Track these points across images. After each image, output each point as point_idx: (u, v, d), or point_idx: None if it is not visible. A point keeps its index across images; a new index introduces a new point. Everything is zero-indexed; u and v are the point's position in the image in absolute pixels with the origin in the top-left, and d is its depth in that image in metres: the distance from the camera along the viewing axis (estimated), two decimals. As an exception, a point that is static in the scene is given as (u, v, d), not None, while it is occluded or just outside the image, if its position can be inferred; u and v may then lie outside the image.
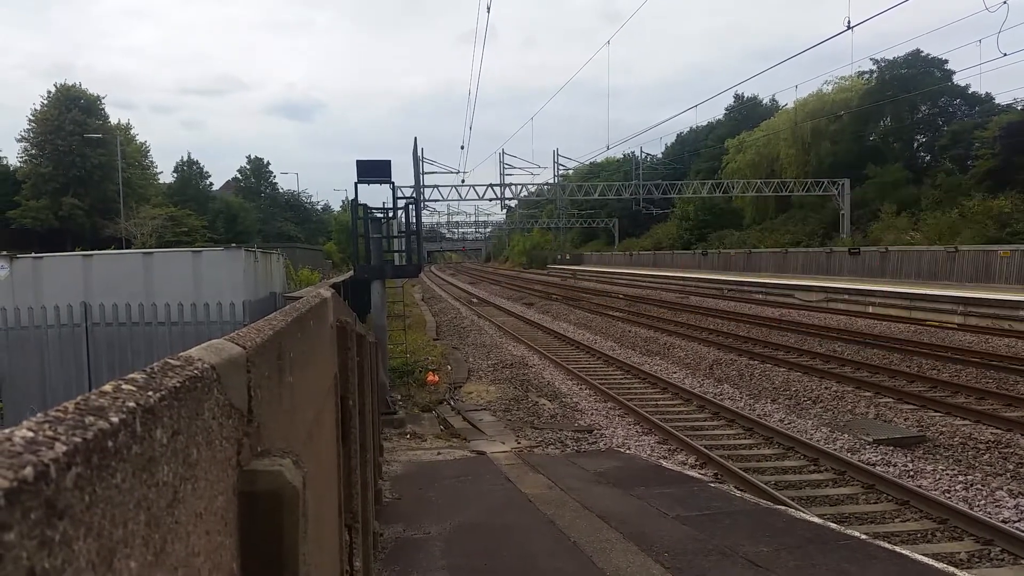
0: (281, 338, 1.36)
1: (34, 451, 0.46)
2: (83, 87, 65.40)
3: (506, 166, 63.40)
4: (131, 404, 0.61)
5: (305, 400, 1.72)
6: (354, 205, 15.41)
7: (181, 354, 0.86)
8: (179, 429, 0.70)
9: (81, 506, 0.48)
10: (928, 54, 53.27)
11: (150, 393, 0.65)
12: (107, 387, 0.64)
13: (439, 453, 10.93)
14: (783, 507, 7.68)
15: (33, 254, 13.30)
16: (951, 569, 5.86)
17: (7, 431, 0.49)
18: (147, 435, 0.62)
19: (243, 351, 1.02)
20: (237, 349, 1.01)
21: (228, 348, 0.98)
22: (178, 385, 0.72)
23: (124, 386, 0.65)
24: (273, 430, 1.20)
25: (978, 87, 54.51)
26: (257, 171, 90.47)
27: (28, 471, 0.43)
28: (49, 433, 0.49)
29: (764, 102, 74.76)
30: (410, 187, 43.92)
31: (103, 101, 66.34)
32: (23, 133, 64.25)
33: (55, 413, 0.54)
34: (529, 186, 65.66)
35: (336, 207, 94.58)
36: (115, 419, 0.56)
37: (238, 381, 0.97)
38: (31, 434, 0.48)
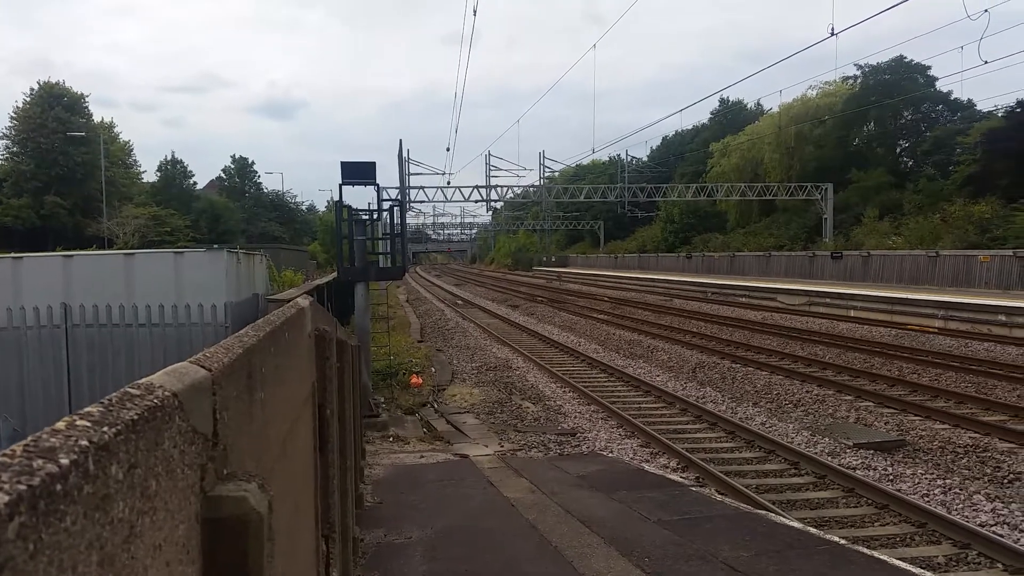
0: (251, 355, 1.36)
1: (-27, 504, 0.45)
2: (66, 85, 64.90)
3: (492, 168, 63.47)
4: (84, 443, 0.60)
5: (278, 414, 1.71)
6: (338, 207, 15.35)
7: (142, 381, 0.86)
8: (136, 462, 0.70)
9: (24, 556, 0.47)
10: (911, 60, 53.81)
11: (105, 429, 0.65)
12: (60, 424, 0.63)
13: (422, 456, 10.90)
14: (763, 511, 7.71)
15: (13, 254, 13.16)
16: (928, 574, 5.91)
17: None
18: (100, 472, 0.61)
19: (208, 374, 1.02)
20: (202, 372, 1.00)
21: (192, 372, 0.98)
22: (136, 417, 0.71)
23: (79, 422, 0.65)
24: (241, 449, 1.19)
25: (960, 93, 55.12)
26: (241, 170, 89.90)
27: (-35, 528, 0.43)
28: (-8, 483, 0.49)
29: (749, 106, 75.27)
30: (395, 188, 43.84)
31: (87, 99, 65.87)
32: (4, 131, 63.67)
33: (1, 459, 0.53)
34: (515, 188, 65.72)
35: (321, 207, 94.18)
36: (65, 461, 0.56)
37: (203, 405, 0.97)
38: (-28, 485, 0.48)
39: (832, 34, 22.96)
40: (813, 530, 6.99)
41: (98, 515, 0.60)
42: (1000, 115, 44.96)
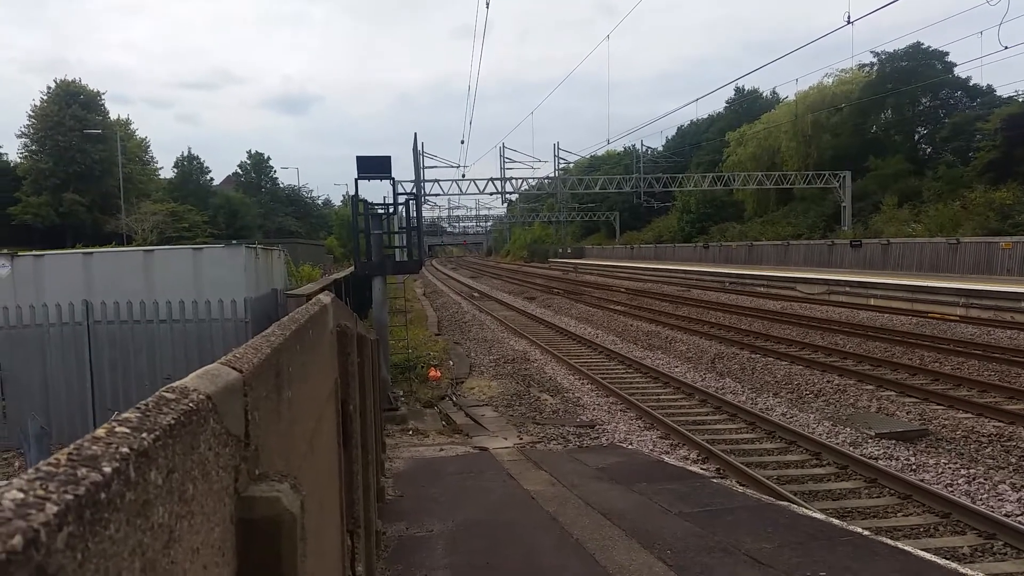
0: (279, 355, 1.36)
1: (24, 515, 0.45)
2: (82, 83, 65.43)
3: (507, 160, 63.36)
4: (124, 450, 0.60)
5: (305, 411, 1.71)
6: (354, 201, 15.38)
7: (176, 385, 0.86)
8: (174, 467, 0.69)
9: (73, 565, 0.47)
10: (929, 46, 53.08)
11: (144, 435, 0.65)
12: (101, 431, 0.63)
13: (441, 449, 10.93)
14: (785, 503, 7.68)
15: (34, 252, 13.29)
16: (952, 565, 5.86)
17: None
18: (141, 479, 0.61)
19: (240, 375, 1.01)
20: (234, 374, 1.00)
21: (224, 374, 0.98)
22: (173, 422, 0.71)
23: (118, 428, 0.65)
24: (272, 448, 1.20)
25: (979, 79, 54.53)
26: (257, 166, 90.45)
27: (17, 540, 0.42)
28: (40, 493, 0.49)
29: (765, 95, 74.61)
30: (411, 181, 43.86)
31: (103, 97, 66.40)
32: (23, 129, 64.36)
33: (47, 467, 0.53)
34: (530, 180, 65.65)
35: (337, 202, 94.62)
36: (108, 469, 0.56)
37: (235, 407, 0.97)
38: (21, 495, 0.48)
39: (848, 22, 22.74)
40: (836, 521, 6.95)
41: (139, 521, 0.60)
42: (1021, 100, 44.37)
